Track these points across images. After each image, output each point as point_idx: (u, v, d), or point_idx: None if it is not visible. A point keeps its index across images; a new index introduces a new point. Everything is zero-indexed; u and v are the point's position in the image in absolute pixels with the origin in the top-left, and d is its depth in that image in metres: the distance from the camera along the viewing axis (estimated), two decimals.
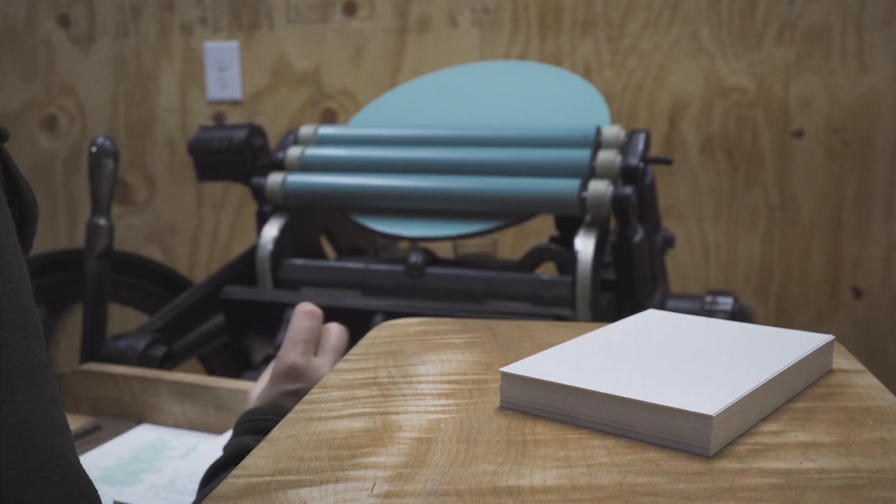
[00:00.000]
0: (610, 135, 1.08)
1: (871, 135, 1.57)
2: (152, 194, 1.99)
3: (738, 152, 1.64)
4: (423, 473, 0.40)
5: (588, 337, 0.55)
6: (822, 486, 0.38)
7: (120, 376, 0.97)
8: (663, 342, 0.54)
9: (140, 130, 1.97)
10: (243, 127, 1.21)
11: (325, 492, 0.38)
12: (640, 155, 1.06)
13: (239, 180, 1.23)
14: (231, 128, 1.21)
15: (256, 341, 1.11)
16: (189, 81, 1.92)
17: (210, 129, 1.22)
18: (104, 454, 0.88)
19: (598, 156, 1.05)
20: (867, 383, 0.52)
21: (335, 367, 0.56)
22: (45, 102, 2.02)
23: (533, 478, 0.39)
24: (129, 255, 1.39)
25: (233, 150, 1.19)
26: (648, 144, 1.10)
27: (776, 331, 0.56)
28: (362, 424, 0.46)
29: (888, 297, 1.61)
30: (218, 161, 1.20)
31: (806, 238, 1.63)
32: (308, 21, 1.83)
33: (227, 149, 1.19)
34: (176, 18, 1.91)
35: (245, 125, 1.21)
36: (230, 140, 1.19)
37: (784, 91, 1.60)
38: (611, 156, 1.05)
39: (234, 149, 1.19)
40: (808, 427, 0.45)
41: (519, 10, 1.70)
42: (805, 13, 1.57)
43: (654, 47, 1.64)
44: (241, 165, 1.20)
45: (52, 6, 1.98)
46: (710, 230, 1.68)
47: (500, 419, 0.46)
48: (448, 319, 0.66)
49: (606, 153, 1.05)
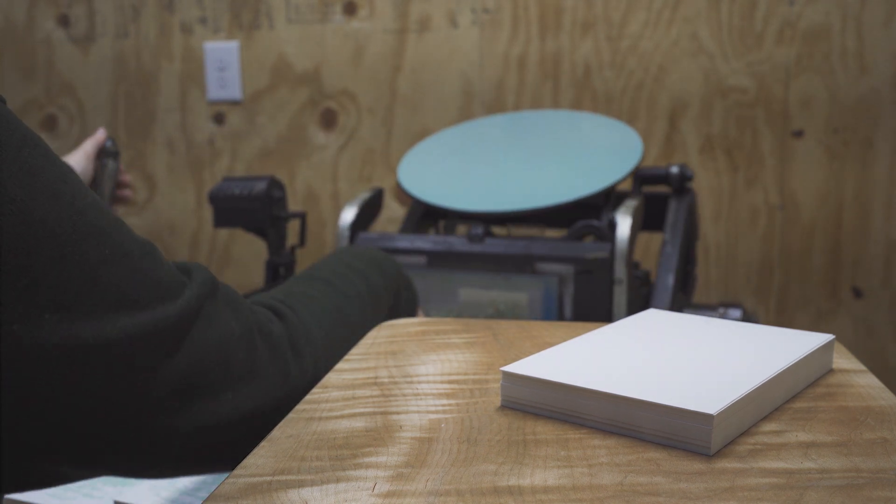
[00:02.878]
0: None
1: (871, 135, 1.57)
2: (152, 194, 1.99)
3: (738, 152, 1.64)
4: (424, 473, 0.40)
5: (589, 336, 0.55)
6: (822, 485, 0.38)
7: None
8: (664, 341, 0.54)
9: (140, 130, 1.97)
10: (264, 179, 1.26)
11: (325, 491, 0.38)
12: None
13: (254, 230, 1.28)
14: (252, 179, 1.27)
15: None
16: (189, 81, 1.92)
17: (232, 179, 1.28)
18: None
19: None
20: (867, 383, 0.52)
21: (335, 367, 0.56)
22: (45, 102, 2.02)
23: (533, 477, 0.39)
24: None
25: (252, 199, 1.24)
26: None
27: (776, 330, 0.56)
28: (363, 424, 0.46)
29: (888, 297, 1.61)
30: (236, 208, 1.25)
31: (806, 238, 1.63)
32: (308, 21, 1.83)
33: (248, 197, 1.24)
34: (176, 18, 1.91)
35: (266, 177, 1.26)
36: (251, 190, 1.25)
37: (784, 91, 1.60)
38: None
39: (254, 198, 1.24)
40: (809, 427, 0.45)
41: (519, 10, 1.70)
42: (805, 13, 1.57)
43: (654, 47, 1.64)
44: (259, 214, 1.25)
45: (52, 6, 1.98)
46: (710, 230, 1.68)
47: (500, 419, 0.46)
48: (448, 319, 0.67)
49: None
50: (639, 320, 0.60)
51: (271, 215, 1.26)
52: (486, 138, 1.43)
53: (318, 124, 1.85)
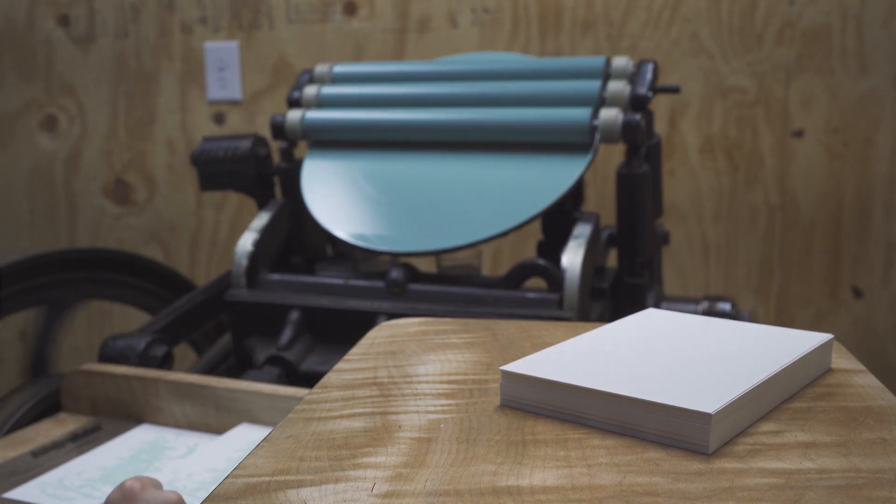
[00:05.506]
0: (619, 65, 1.13)
1: (871, 135, 1.57)
2: (152, 194, 1.99)
3: (738, 152, 1.64)
4: (423, 473, 0.40)
5: (588, 336, 0.55)
6: (821, 486, 0.38)
7: (120, 376, 0.97)
8: (663, 341, 0.54)
9: (140, 130, 1.97)
10: (247, 137, 1.21)
11: (325, 492, 0.38)
12: (649, 84, 1.10)
13: (242, 190, 1.23)
14: (235, 138, 1.21)
15: (258, 343, 1.11)
16: (189, 81, 1.92)
17: (214, 140, 1.22)
18: (104, 454, 0.88)
19: (607, 85, 1.09)
20: (867, 383, 0.52)
21: (335, 367, 0.56)
22: (45, 102, 2.02)
23: (533, 478, 0.39)
24: (129, 255, 1.39)
25: (237, 160, 1.19)
26: (657, 75, 1.14)
27: (775, 329, 0.56)
28: (362, 424, 0.46)
29: (888, 297, 1.61)
30: (222, 171, 1.20)
31: (806, 238, 1.63)
32: (308, 21, 1.83)
33: (232, 158, 1.19)
34: (176, 18, 1.91)
35: (249, 135, 1.21)
36: (235, 150, 1.19)
37: (784, 91, 1.60)
38: (620, 85, 1.09)
39: (239, 159, 1.19)
40: (808, 427, 0.45)
41: (519, 9, 1.70)
42: (805, 13, 1.57)
43: (654, 47, 1.64)
44: (245, 175, 1.20)
45: (52, 6, 1.98)
46: (710, 230, 1.68)
47: (499, 419, 0.46)
48: (448, 319, 0.66)
49: (616, 83, 1.09)
50: (638, 320, 0.60)
51: (259, 174, 1.21)
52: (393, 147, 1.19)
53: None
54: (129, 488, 0.54)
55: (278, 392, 0.89)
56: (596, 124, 1.06)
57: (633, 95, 1.08)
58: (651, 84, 1.10)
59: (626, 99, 1.08)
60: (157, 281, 1.39)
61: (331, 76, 1.27)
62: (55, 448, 0.90)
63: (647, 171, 1.09)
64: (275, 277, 1.13)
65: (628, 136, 1.06)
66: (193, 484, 0.78)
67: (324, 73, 1.28)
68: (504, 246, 1.74)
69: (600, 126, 1.05)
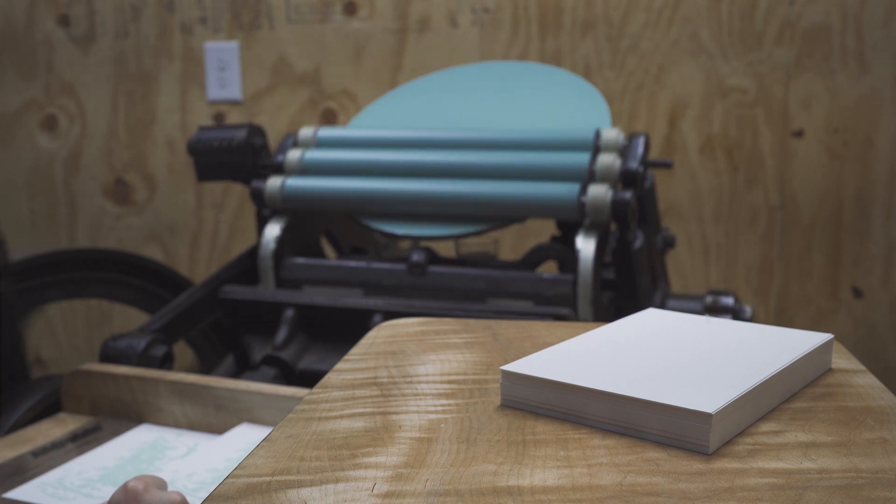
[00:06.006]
0: (609, 138, 1.08)
1: (871, 135, 1.57)
2: (152, 194, 1.99)
3: (738, 152, 1.64)
4: (424, 473, 0.40)
5: (588, 336, 0.55)
6: (822, 486, 0.38)
7: (120, 376, 0.97)
8: (663, 341, 0.54)
9: (140, 130, 1.97)
10: (243, 127, 1.20)
11: (325, 492, 0.38)
12: (640, 159, 1.05)
13: (239, 180, 1.23)
14: (231, 127, 1.21)
15: (255, 341, 1.11)
16: (189, 81, 1.92)
17: (210, 129, 1.22)
18: (104, 454, 0.88)
19: (597, 159, 1.05)
20: (867, 383, 0.52)
21: (335, 367, 0.56)
22: (45, 102, 2.02)
23: (533, 478, 0.39)
24: (129, 255, 1.39)
25: (233, 150, 1.18)
26: (648, 148, 1.10)
27: (775, 329, 0.56)
28: (362, 424, 0.46)
29: (888, 297, 1.61)
30: (218, 161, 1.20)
31: (806, 238, 1.63)
32: (308, 21, 1.83)
33: (228, 149, 1.19)
34: (176, 18, 1.91)
35: (245, 125, 1.21)
36: (231, 140, 1.18)
37: (784, 91, 1.60)
38: (610, 159, 1.04)
39: (235, 149, 1.18)
40: (808, 427, 0.45)
41: (519, 9, 1.70)
42: (805, 13, 1.57)
43: (654, 47, 1.64)
44: (242, 165, 1.20)
45: (52, 6, 1.98)
46: (710, 230, 1.68)
47: (500, 419, 0.46)
48: (448, 319, 0.66)
49: (606, 157, 1.05)
50: (638, 320, 0.60)
51: (255, 164, 1.20)
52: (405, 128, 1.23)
53: (318, 124, 1.85)
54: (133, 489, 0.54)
55: (278, 392, 0.89)
56: (584, 201, 1.02)
57: (623, 170, 1.04)
58: (642, 158, 1.06)
59: (616, 174, 1.04)
60: (157, 281, 1.39)
61: (315, 140, 1.23)
62: (55, 448, 0.90)
63: (641, 246, 1.07)
64: (299, 261, 1.15)
65: (618, 215, 1.02)
66: (193, 484, 0.78)
67: (308, 137, 1.23)
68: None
69: (588, 203, 1.02)
